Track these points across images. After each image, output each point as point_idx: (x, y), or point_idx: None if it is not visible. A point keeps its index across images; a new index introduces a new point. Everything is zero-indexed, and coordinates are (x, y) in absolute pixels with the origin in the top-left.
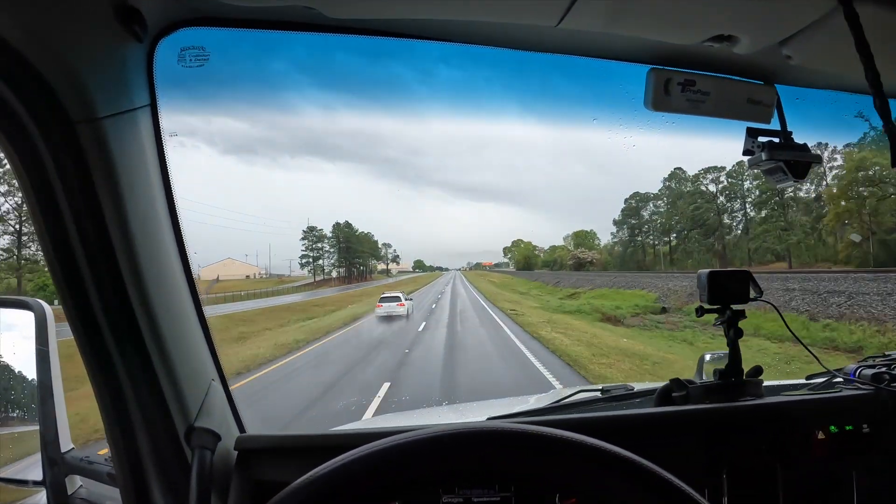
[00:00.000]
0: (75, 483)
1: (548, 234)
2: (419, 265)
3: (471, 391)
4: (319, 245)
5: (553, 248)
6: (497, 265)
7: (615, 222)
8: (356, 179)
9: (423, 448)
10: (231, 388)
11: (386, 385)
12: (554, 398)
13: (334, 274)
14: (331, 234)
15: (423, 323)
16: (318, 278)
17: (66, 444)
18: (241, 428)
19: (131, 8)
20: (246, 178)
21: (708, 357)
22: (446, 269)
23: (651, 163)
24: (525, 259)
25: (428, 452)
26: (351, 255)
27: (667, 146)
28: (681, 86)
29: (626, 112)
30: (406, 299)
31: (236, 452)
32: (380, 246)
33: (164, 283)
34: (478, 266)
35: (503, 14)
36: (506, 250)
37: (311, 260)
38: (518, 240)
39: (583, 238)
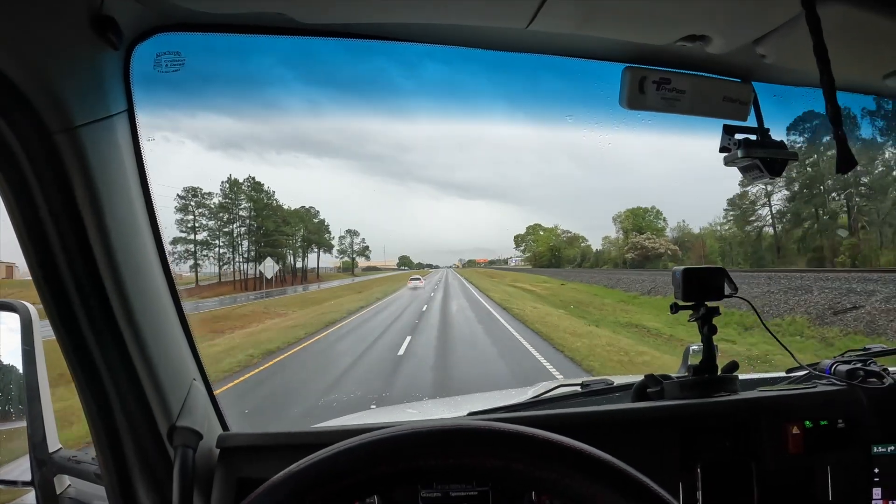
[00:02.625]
0: (64, 483)
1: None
2: (405, 262)
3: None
4: (208, 225)
5: (572, 237)
6: (493, 262)
7: (731, 202)
8: (343, 175)
9: (399, 444)
10: None
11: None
12: (536, 392)
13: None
14: (225, 199)
15: None
16: (209, 279)
17: (53, 444)
18: (224, 426)
19: (105, 16)
20: (233, 173)
21: (694, 349)
22: (436, 267)
23: (638, 159)
24: (550, 251)
25: (403, 449)
26: (268, 241)
27: (650, 143)
28: (655, 84)
29: (605, 110)
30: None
31: (218, 450)
32: (341, 234)
33: (144, 285)
34: (471, 263)
35: (473, 17)
36: (519, 239)
37: (189, 251)
38: (535, 225)
39: (640, 218)
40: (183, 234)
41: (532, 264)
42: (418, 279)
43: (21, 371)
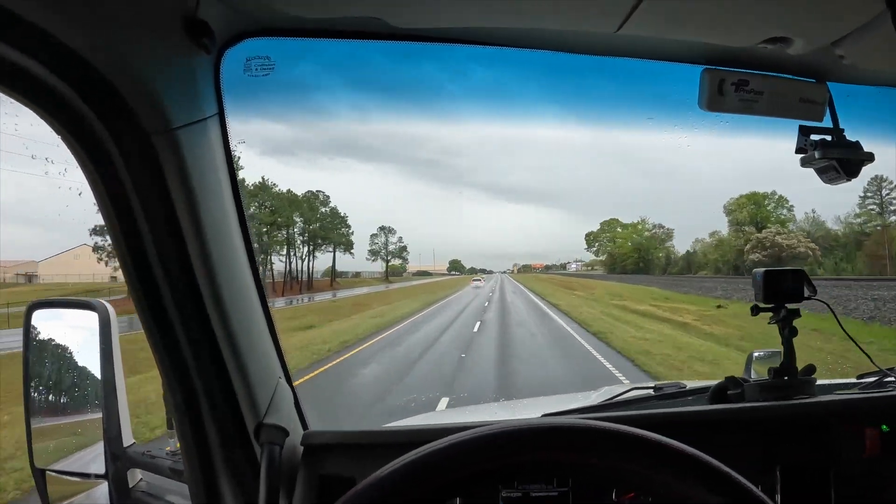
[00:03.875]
0: (136, 476)
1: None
2: (455, 266)
3: None
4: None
5: (666, 233)
6: (548, 267)
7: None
8: (392, 180)
9: (485, 444)
10: None
11: None
12: (606, 396)
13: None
14: None
15: None
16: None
17: (127, 438)
18: (304, 425)
19: (200, 21)
20: (286, 179)
21: (757, 355)
22: (489, 272)
23: (696, 165)
24: (635, 251)
25: (490, 449)
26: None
27: (711, 149)
28: (734, 86)
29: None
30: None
31: (301, 448)
32: (373, 232)
33: (236, 284)
34: (526, 268)
35: (565, 21)
36: (590, 238)
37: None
38: (611, 220)
39: (760, 207)
40: None
41: (607, 269)
42: (479, 280)
43: (99, 367)
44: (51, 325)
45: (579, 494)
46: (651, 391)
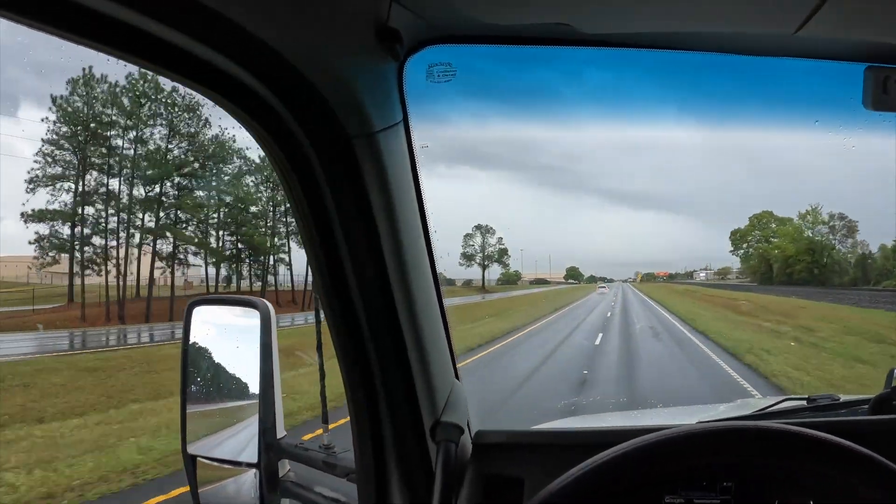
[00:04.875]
0: (285, 467)
1: (711, 246)
2: (573, 273)
3: None
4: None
5: (850, 226)
6: (673, 276)
7: None
8: (509, 187)
9: (690, 444)
10: None
11: None
12: (751, 406)
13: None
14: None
15: None
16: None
17: (280, 431)
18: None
19: (391, 28)
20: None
21: None
22: (609, 281)
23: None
24: (809, 252)
25: (691, 448)
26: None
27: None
28: None
29: (815, 112)
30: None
31: (471, 447)
32: (467, 232)
33: (422, 285)
34: (650, 276)
35: (743, 24)
36: (737, 238)
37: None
38: (764, 213)
39: None
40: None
41: (758, 277)
42: (605, 287)
43: (256, 362)
44: (210, 320)
45: (742, 501)
46: (804, 402)
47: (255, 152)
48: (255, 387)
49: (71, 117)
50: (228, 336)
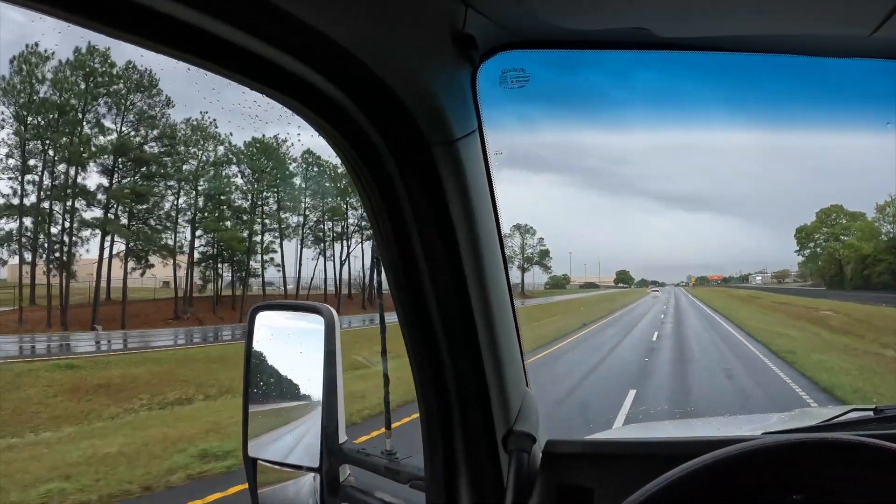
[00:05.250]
0: (345, 472)
1: (767, 248)
2: (623, 277)
3: None
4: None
5: (882, 206)
6: (726, 280)
7: None
8: (559, 191)
9: (769, 456)
10: None
11: None
12: (814, 416)
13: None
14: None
15: None
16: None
17: (342, 436)
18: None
19: (467, 35)
20: None
21: None
22: (661, 285)
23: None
24: (889, 248)
25: (771, 461)
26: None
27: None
28: None
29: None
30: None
31: (540, 456)
32: (506, 232)
33: (497, 292)
34: (703, 280)
35: (816, 26)
36: (802, 237)
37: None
38: (833, 207)
39: None
40: None
41: (826, 280)
42: (658, 290)
43: (320, 367)
44: (273, 325)
45: None
46: (870, 413)
47: (241, 137)
48: (316, 391)
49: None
50: (291, 341)
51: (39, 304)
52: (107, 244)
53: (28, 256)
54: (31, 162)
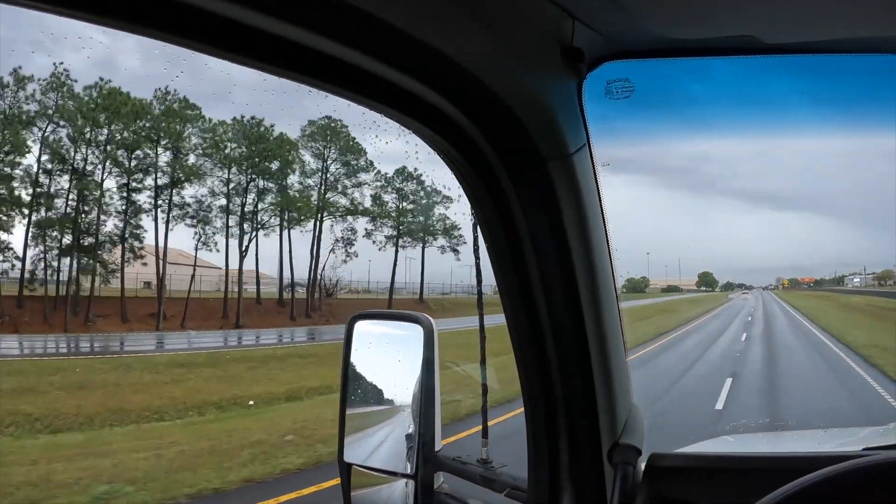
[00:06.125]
0: (439, 479)
1: (864, 247)
2: (706, 280)
3: None
4: None
5: None
6: (818, 282)
7: None
8: (640, 191)
9: (883, 473)
10: None
11: None
12: None
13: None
14: None
15: None
16: None
17: (437, 443)
18: None
19: (575, 47)
20: None
21: None
22: (749, 287)
23: None
24: None
25: (885, 479)
26: None
27: None
28: None
29: None
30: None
31: (643, 469)
32: None
33: (608, 305)
34: (794, 283)
35: None
36: None
37: None
38: None
39: None
40: None
41: None
42: (747, 292)
43: (417, 376)
44: (371, 333)
45: None
46: None
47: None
48: (412, 399)
49: None
50: (389, 349)
51: None
52: None
53: None
54: None
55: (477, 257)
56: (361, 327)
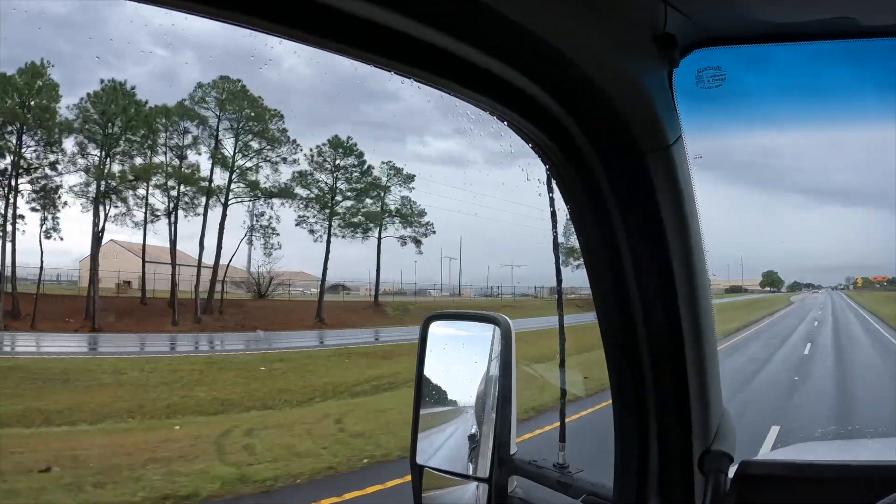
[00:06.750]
0: (512, 483)
1: None
2: (771, 279)
3: None
4: None
5: None
6: (892, 281)
7: None
8: (700, 187)
9: None
10: None
11: None
12: None
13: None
14: None
15: None
16: None
17: (513, 447)
18: None
19: (668, 34)
20: None
21: None
22: (817, 287)
23: None
24: None
25: None
26: None
27: None
28: None
29: None
30: None
31: (732, 476)
32: None
33: (704, 306)
34: (867, 282)
35: None
36: None
37: None
38: None
39: None
40: None
41: None
42: (817, 292)
43: (494, 377)
44: (446, 334)
45: None
46: None
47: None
48: (485, 400)
49: None
50: (464, 350)
51: None
52: None
53: None
54: None
55: (557, 255)
56: (436, 328)
